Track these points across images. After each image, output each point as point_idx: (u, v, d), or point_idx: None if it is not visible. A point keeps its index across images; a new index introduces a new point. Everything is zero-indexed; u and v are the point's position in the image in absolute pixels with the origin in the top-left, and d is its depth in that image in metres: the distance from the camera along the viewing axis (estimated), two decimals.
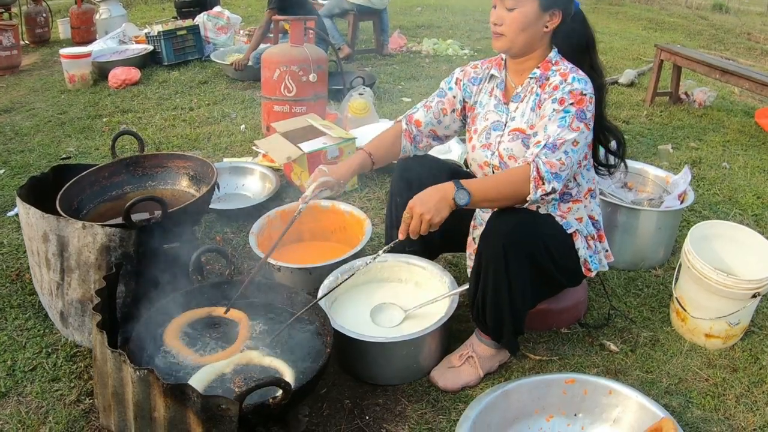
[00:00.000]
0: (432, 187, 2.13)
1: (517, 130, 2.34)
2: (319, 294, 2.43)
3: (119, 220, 2.41)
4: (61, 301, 2.55)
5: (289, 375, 2.04)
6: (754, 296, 2.58)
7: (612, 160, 2.54)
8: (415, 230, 2.10)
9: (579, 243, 2.39)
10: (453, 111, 2.58)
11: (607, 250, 2.57)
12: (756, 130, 5.81)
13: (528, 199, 2.14)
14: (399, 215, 2.25)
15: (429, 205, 2.08)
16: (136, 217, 2.41)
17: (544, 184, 2.11)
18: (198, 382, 1.99)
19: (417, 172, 2.56)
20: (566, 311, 2.77)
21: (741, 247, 2.85)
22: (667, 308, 2.95)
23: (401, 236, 2.16)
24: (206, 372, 2.05)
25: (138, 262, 2.42)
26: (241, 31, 8.27)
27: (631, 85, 7.20)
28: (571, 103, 2.17)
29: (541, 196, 2.12)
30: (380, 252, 2.29)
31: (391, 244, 2.27)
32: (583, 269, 2.44)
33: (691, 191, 3.33)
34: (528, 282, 2.23)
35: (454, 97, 2.57)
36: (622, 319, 2.88)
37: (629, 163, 3.33)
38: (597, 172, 2.55)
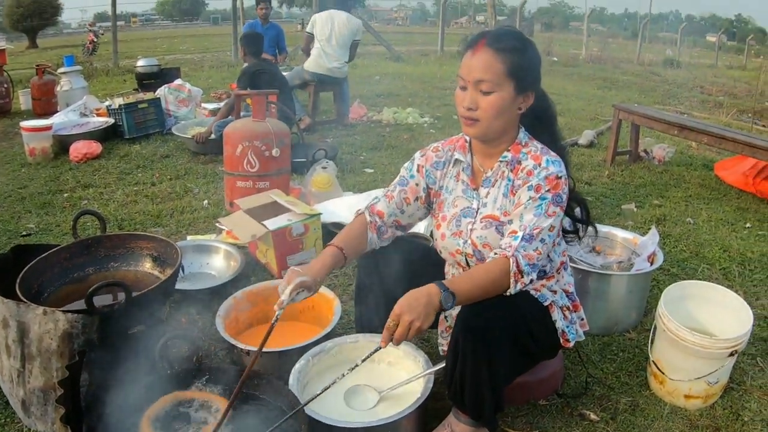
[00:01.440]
0: (417, 291, 2.05)
1: (490, 217, 2.30)
2: (291, 381, 2.36)
3: (82, 305, 2.34)
4: (22, 389, 2.45)
5: None
6: (731, 354, 2.58)
7: (577, 225, 2.52)
8: (401, 338, 2.01)
9: (556, 314, 2.35)
10: (416, 199, 2.49)
11: (582, 319, 2.53)
12: (716, 183, 6.00)
13: (508, 292, 2.11)
14: (369, 309, 2.34)
15: (418, 311, 1.99)
16: (99, 301, 2.34)
17: (523, 277, 2.10)
18: None
19: (386, 263, 2.51)
20: (543, 382, 2.72)
21: (714, 305, 2.88)
22: (645, 372, 2.92)
23: (383, 345, 2.05)
24: None
25: (102, 349, 2.34)
26: (203, 105, 8.28)
27: (591, 145, 7.37)
28: (548, 190, 2.15)
29: (519, 288, 2.11)
30: (359, 362, 2.21)
31: (372, 352, 2.18)
32: (561, 340, 2.39)
33: (659, 252, 3.36)
34: (508, 359, 2.17)
35: (417, 185, 2.48)
36: (600, 386, 2.84)
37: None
38: (565, 240, 2.52)
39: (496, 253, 2.15)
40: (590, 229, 2.56)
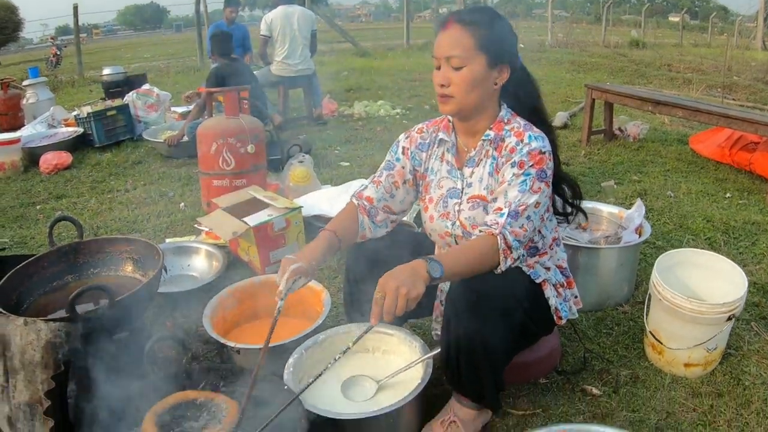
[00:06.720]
0: (401, 265, 1.95)
1: (478, 197, 2.24)
2: (285, 376, 2.29)
3: (63, 314, 2.26)
4: (7, 405, 2.35)
5: None
6: (729, 319, 2.57)
7: (569, 208, 2.49)
8: (391, 309, 1.87)
9: (549, 291, 2.31)
10: (405, 182, 2.43)
11: (576, 297, 2.49)
12: (693, 156, 6.06)
13: (499, 270, 2.06)
14: (359, 297, 2.26)
15: (402, 278, 1.88)
16: (81, 308, 2.26)
17: (512, 252, 2.05)
18: None
19: (373, 247, 2.43)
20: (542, 361, 2.68)
21: (706, 271, 2.87)
22: (641, 343, 2.90)
23: (374, 321, 1.93)
24: None
25: (87, 357, 2.26)
26: (172, 108, 8.16)
27: (565, 127, 7.41)
28: (531, 165, 2.10)
29: (510, 265, 2.07)
30: (350, 344, 2.17)
31: (364, 331, 2.13)
32: (554, 317, 2.35)
33: (646, 224, 3.34)
34: (504, 337, 2.10)
35: (403, 167, 2.42)
36: (599, 360, 2.81)
37: None
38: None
39: (481, 231, 2.10)
40: (581, 215, 2.57)
